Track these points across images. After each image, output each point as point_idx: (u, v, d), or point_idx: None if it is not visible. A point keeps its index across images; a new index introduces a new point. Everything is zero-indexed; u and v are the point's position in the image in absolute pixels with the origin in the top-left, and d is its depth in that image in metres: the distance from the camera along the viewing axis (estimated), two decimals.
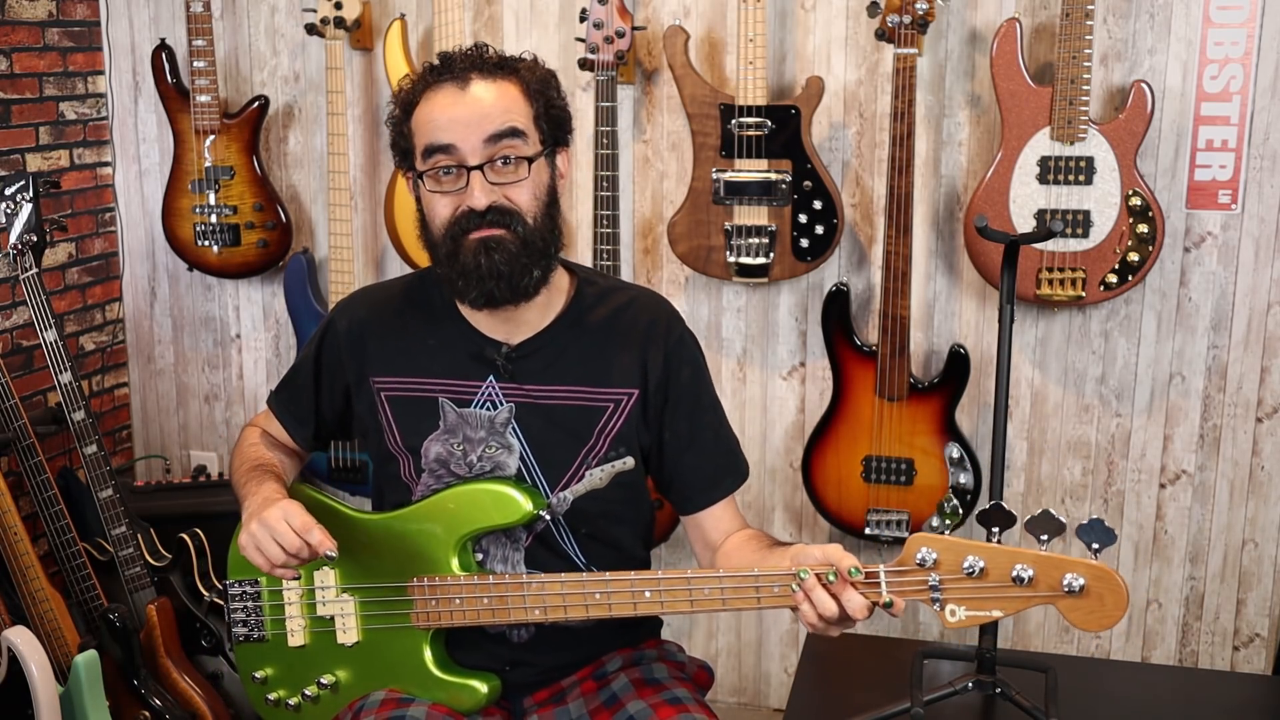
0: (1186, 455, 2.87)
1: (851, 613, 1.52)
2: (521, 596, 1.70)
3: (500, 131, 1.69)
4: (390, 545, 1.80)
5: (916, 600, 1.53)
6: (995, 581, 1.50)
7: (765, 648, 3.18)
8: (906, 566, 1.52)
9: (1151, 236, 2.64)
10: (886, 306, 2.74)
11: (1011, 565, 1.49)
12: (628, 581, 1.66)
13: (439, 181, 1.71)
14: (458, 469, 1.80)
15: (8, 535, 2.68)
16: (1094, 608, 1.48)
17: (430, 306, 1.85)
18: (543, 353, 1.80)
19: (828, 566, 1.53)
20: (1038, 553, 1.49)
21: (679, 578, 1.62)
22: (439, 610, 1.75)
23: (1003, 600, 1.50)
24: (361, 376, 1.86)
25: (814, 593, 1.53)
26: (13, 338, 3.10)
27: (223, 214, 3.14)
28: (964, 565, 1.50)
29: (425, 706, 1.76)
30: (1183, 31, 2.70)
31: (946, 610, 1.52)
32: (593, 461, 1.80)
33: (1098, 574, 1.47)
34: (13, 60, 3.05)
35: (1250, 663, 2.92)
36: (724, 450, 1.88)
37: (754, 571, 1.59)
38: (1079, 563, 1.48)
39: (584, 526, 1.81)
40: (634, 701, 1.76)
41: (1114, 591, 1.47)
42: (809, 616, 1.54)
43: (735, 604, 1.60)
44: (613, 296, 1.86)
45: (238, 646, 1.92)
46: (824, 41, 2.88)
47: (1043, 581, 1.48)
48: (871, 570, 1.53)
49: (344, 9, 2.94)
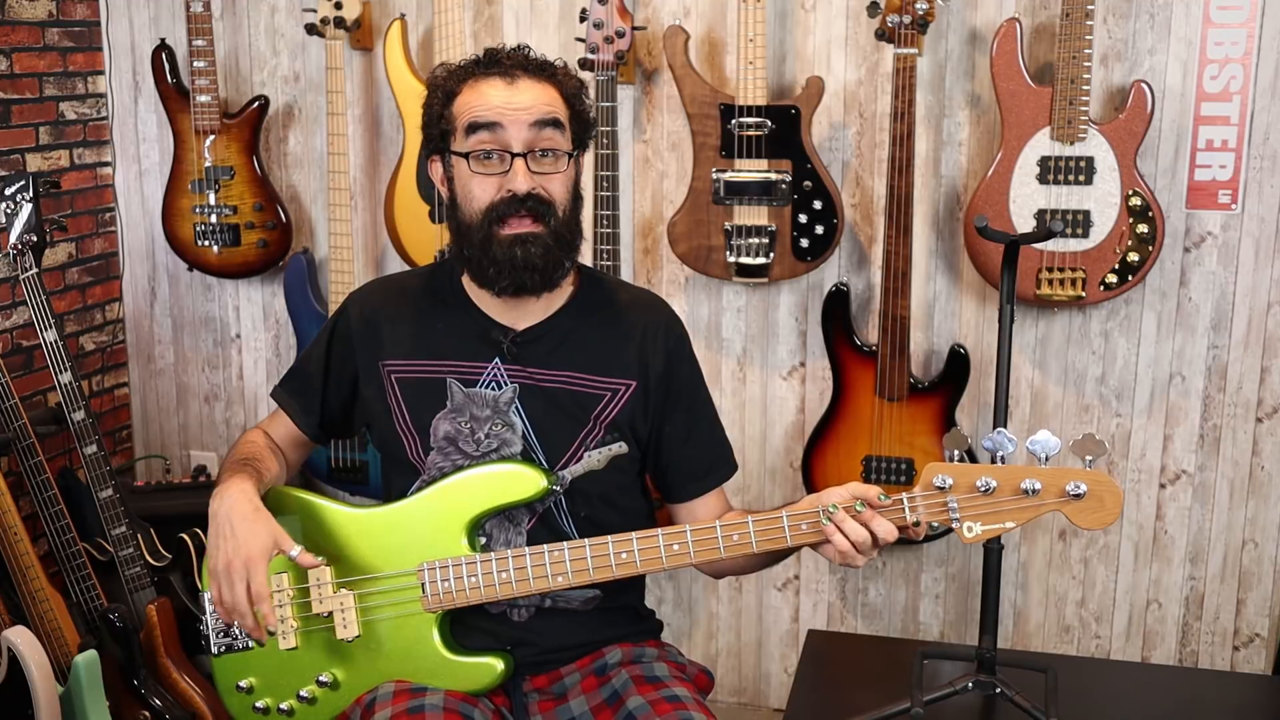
0: (1186, 455, 2.87)
1: (882, 536, 1.66)
2: (543, 565, 1.75)
3: (545, 119, 1.77)
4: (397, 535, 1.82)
5: (937, 520, 1.68)
6: (1007, 495, 1.66)
7: (765, 648, 3.18)
8: (927, 491, 1.68)
9: (1151, 236, 2.64)
10: (886, 306, 2.74)
11: (1020, 480, 1.66)
12: (655, 537, 1.73)
13: (482, 163, 1.77)
14: (466, 446, 1.85)
15: (8, 535, 2.68)
16: (1095, 508, 1.65)
17: (440, 293, 1.92)
18: (547, 338, 1.87)
19: (855, 500, 1.67)
20: (1040, 468, 1.66)
21: (709, 527, 1.72)
22: (452, 590, 1.78)
23: (1015, 511, 1.66)
24: (372, 361, 1.91)
25: (845, 524, 1.66)
26: (13, 338, 3.10)
27: (223, 214, 3.14)
28: (978, 484, 1.66)
29: (441, 694, 1.78)
30: (1183, 31, 2.70)
31: (964, 527, 1.67)
32: (590, 444, 1.86)
33: (1095, 479, 1.65)
34: (13, 60, 3.05)
35: (1250, 663, 2.92)
36: (718, 442, 1.98)
37: (781, 513, 1.70)
38: (1080, 471, 1.65)
39: (583, 509, 1.86)
40: (634, 698, 1.79)
41: (1111, 492, 1.65)
42: (841, 545, 1.66)
43: (765, 545, 1.71)
44: (616, 293, 1.96)
45: (216, 659, 1.88)
46: (824, 41, 2.88)
47: (1049, 490, 1.65)
48: (897, 497, 1.68)
49: (344, 9, 2.94)
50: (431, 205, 2.95)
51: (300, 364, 2.02)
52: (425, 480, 1.87)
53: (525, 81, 1.79)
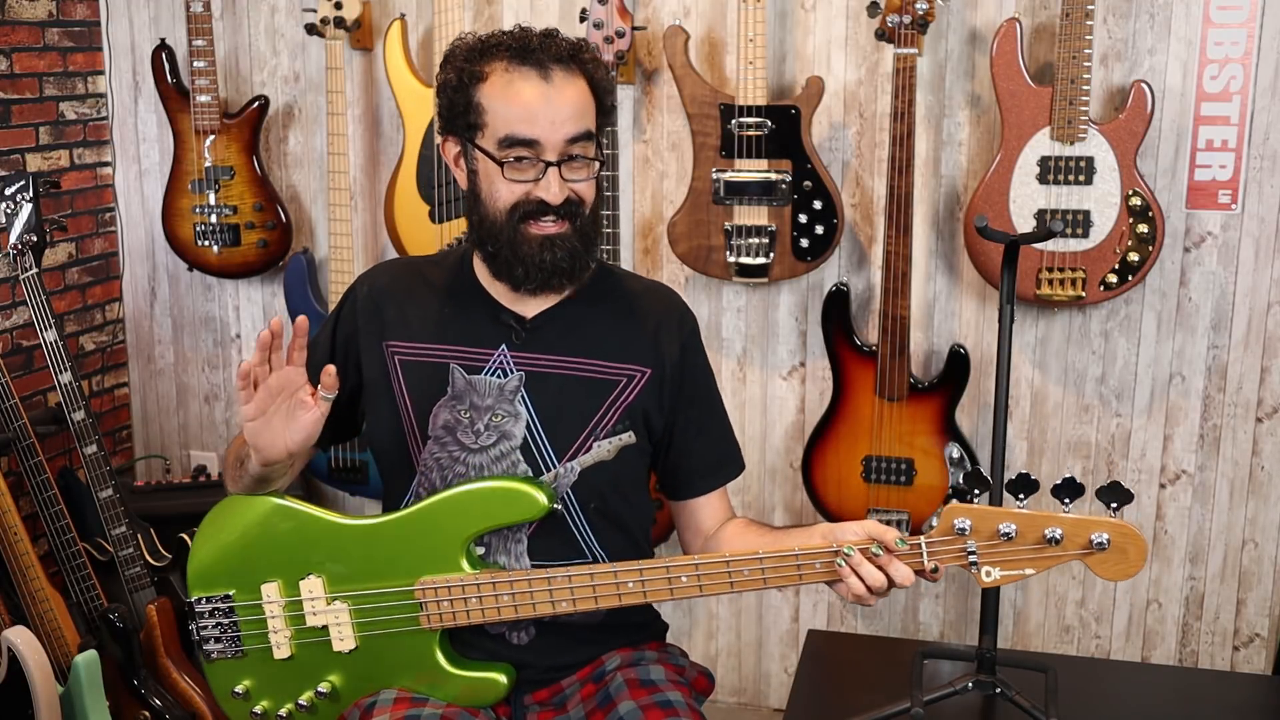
0: (1186, 455, 2.87)
1: (899, 581, 1.63)
2: (547, 590, 1.72)
3: (579, 134, 1.74)
4: (393, 548, 1.78)
5: (955, 565, 1.65)
6: (1028, 543, 1.63)
7: (765, 648, 3.18)
8: (946, 536, 1.64)
9: (1151, 236, 2.64)
10: (886, 306, 2.74)
11: (1043, 528, 1.62)
12: (664, 568, 1.69)
13: (516, 169, 1.74)
14: (464, 437, 1.80)
15: (8, 535, 2.68)
16: (1119, 560, 1.62)
17: (450, 277, 1.89)
18: (558, 324, 1.83)
19: (870, 542, 1.63)
20: (1065, 515, 1.62)
21: (719, 560, 1.69)
22: (452, 611, 1.75)
23: (1035, 560, 1.64)
24: (376, 341, 1.87)
25: (861, 568, 1.63)
26: (13, 338, 3.10)
27: (223, 214, 3.14)
28: (1000, 529, 1.63)
29: (441, 707, 1.76)
30: (1183, 31, 2.70)
31: (982, 572, 1.64)
32: (600, 434, 1.81)
33: (1120, 530, 1.62)
34: (13, 60, 3.05)
35: (1250, 663, 2.92)
36: (728, 439, 1.95)
37: (794, 550, 1.66)
38: (1103, 521, 1.62)
39: (593, 500, 1.82)
40: (625, 702, 1.76)
41: (1135, 545, 1.62)
42: (856, 589, 1.63)
43: (776, 582, 1.68)
44: (629, 282, 1.94)
45: (209, 665, 1.86)
46: (824, 41, 2.88)
47: (1071, 541, 1.62)
48: (914, 542, 1.64)
49: (344, 9, 2.94)
50: (431, 205, 2.95)
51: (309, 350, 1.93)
52: (421, 482, 1.83)
53: (560, 78, 1.73)
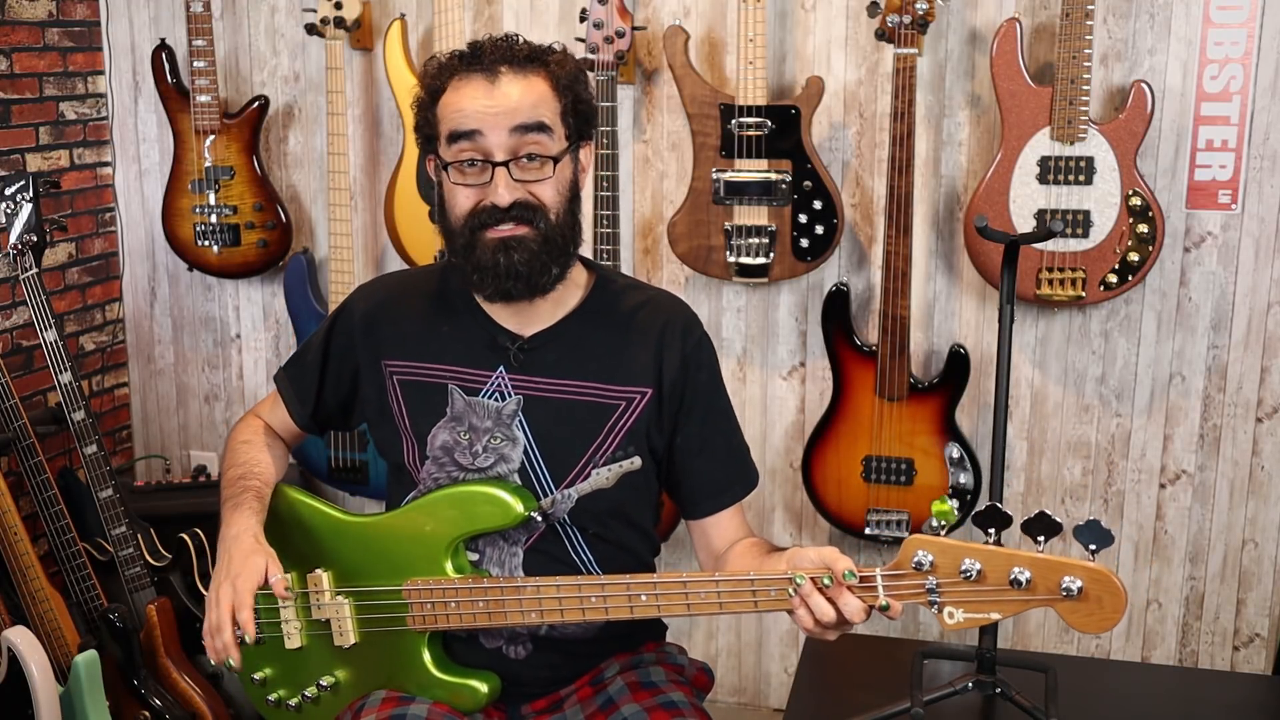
0: (1186, 455, 2.87)
1: (848, 616, 1.51)
2: (518, 600, 1.69)
3: (527, 124, 1.68)
4: (385, 547, 1.79)
5: (914, 603, 1.51)
6: (993, 584, 1.47)
7: (765, 648, 3.18)
8: (903, 570, 1.51)
9: (1151, 236, 2.64)
10: (886, 306, 2.74)
11: (1009, 568, 1.46)
12: (624, 585, 1.64)
13: (463, 173, 1.70)
14: (462, 458, 1.78)
15: (8, 535, 2.68)
16: (1092, 610, 1.45)
17: (447, 295, 1.85)
18: (555, 346, 1.78)
19: (823, 570, 1.52)
20: (1035, 555, 1.46)
21: (675, 581, 1.61)
22: (434, 614, 1.74)
23: (1000, 603, 1.48)
24: (373, 359, 1.85)
25: (810, 598, 1.52)
26: (13, 338, 3.10)
27: (223, 214, 3.14)
28: (961, 568, 1.48)
29: (426, 705, 1.76)
30: (1183, 31, 2.70)
31: (944, 613, 1.50)
32: (600, 460, 1.77)
33: (1095, 576, 1.44)
34: (13, 60, 3.05)
35: (1250, 663, 2.92)
36: (735, 457, 1.87)
37: (749, 575, 1.57)
38: (1077, 565, 1.45)
39: (591, 526, 1.79)
40: (629, 705, 1.74)
41: (1112, 594, 1.44)
42: (805, 621, 1.54)
43: (732, 607, 1.59)
44: (630, 295, 1.85)
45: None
46: (824, 41, 2.88)
47: (1040, 584, 1.46)
48: (867, 574, 1.51)
49: (344, 9, 2.94)
50: (431, 205, 2.95)
51: (301, 351, 1.97)
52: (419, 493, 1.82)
53: (508, 78, 1.69)
